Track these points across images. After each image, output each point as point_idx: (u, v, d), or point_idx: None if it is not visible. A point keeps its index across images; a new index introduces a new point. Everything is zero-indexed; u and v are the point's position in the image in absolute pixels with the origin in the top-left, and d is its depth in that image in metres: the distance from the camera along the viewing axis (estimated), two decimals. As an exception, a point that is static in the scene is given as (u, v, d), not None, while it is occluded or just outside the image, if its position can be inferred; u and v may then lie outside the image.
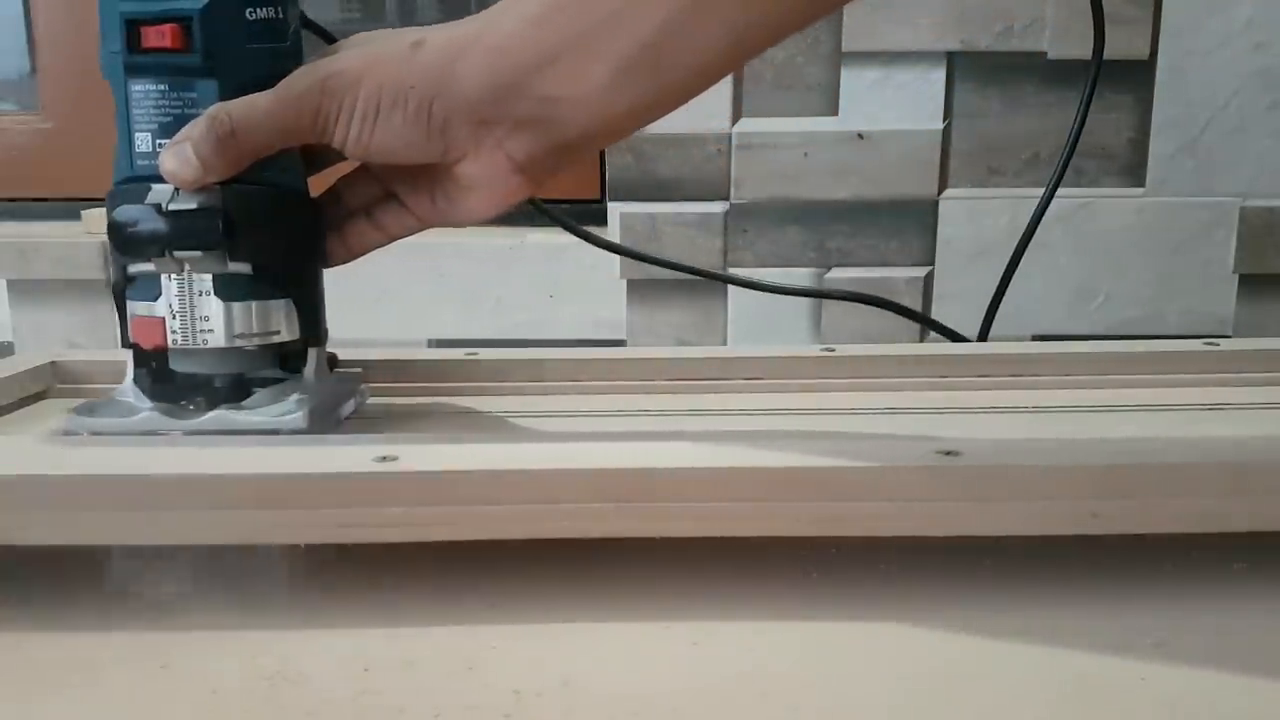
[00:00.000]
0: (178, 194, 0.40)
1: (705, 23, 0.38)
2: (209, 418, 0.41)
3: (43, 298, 0.94)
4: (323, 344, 0.45)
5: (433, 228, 0.44)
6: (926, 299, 0.92)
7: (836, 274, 0.92)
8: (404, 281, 0.92)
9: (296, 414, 0.41)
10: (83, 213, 0.93)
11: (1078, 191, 0.90)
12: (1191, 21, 0.87)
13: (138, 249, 0.40)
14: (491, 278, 0.93)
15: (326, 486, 0.33)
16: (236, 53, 0.41)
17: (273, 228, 0.42)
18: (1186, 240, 0.91)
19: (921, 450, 0.34)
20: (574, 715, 0.28)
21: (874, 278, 0.90)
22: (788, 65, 0.89)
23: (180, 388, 0.43)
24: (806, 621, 0.33)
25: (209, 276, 0.41)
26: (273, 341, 0.43)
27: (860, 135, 0.90)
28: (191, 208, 0.40)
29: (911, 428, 0.47)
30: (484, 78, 0.39)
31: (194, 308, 0.41)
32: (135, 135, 0.41)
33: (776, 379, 0.54)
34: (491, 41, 0.39)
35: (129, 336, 0.43)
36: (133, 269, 0.42)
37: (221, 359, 0.42)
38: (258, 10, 0.41)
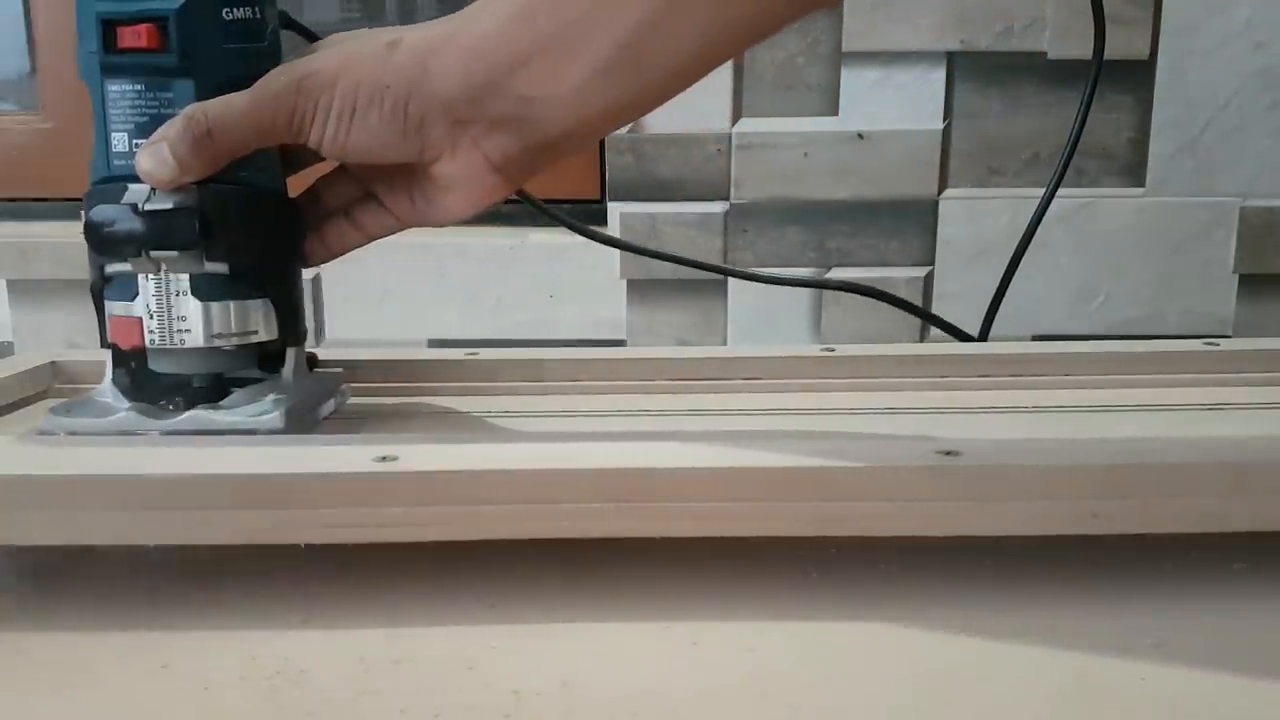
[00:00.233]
0: (154, 194, 0.40)
1: (681, 23, 0.38)
2: (185, 418, 0.41)
3: (43, 298, 0.94)
4: (302, 344, 0.45)
5: (412, 227, 0.44)
6: (927, 299, 0.92)
7: (836, 274, 0.92)
8: (404, 281, 0.92)
9: (273, 414, 0.41)
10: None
11: (1078, 191, 0.90)
12: (1191, 21, 0.87)
13: (114, 249, 0.40)
14: (492, 278, 0.93)
15: (326, 486, 0.33)
16: (213, 53, 0.41)
17: (249, 228, 0.42)
18: (1186, 240, 0.91)
19: (921, 450, 0.34)
20: (574, 715, 0.28)
21: (874, 278, 0.90)
22: (788, 65, 0.89)
23: (159, 388, 0.42)
24: (806, 621, 0.33)
25: (186, 276, 0.41)
26: (251, 341, 0.43)
27: (860, 135, 0.90)
28: (168, 208, 0.40)
29: (911, 428, 0.47)
30: (459, 77, 0.39)
31: (171, 308, 0.41)
32: (112, 135, 0.41)
33: (776, 379, 0.54)
34: (466, 41, 0.39)
35: (107, 337, 0.43)
36: (110, 269, 0.42)
37: (199, 359, 0.42)
38: (235, 10, 0.41)
